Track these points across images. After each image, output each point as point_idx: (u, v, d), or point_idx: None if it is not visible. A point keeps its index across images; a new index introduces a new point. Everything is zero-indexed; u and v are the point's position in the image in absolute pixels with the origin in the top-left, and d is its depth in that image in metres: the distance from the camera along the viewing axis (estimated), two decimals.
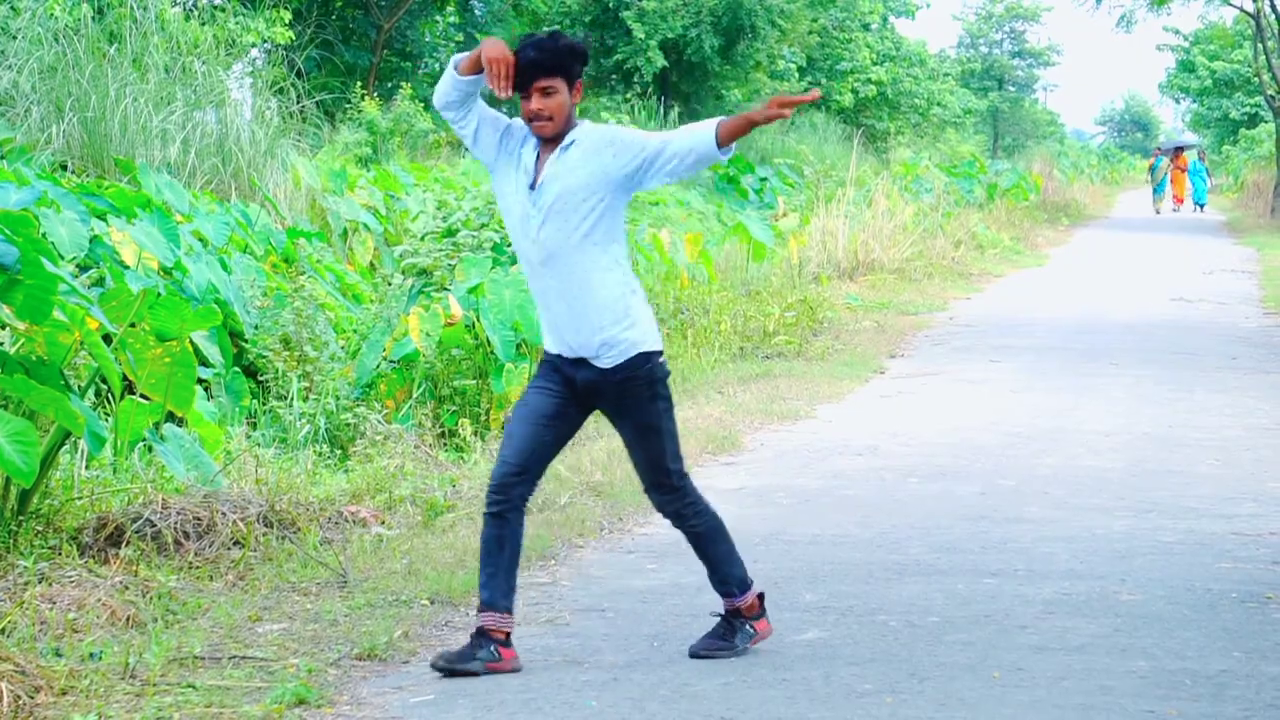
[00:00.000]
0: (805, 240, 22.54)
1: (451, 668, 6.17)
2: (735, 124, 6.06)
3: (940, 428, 12.10)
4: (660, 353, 6.30)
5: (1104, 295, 22.73)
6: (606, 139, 6.15)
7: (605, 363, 6.19)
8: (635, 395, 6.23)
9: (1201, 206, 48.89)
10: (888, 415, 12.71)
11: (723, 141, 6.04)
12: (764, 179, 33.97)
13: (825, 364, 15.23)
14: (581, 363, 6.22)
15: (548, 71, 6.06)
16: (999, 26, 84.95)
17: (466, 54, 6.19)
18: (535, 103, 6.09)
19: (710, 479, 10.18)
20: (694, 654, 6.44)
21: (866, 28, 51.02)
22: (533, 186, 6.15)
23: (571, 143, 6.15)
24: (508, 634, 6.26)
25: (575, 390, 6.27)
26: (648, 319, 6.28)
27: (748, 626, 6.49)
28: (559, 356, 6.26)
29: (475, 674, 6.15)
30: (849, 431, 11.94)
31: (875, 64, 50.11)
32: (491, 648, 6.22)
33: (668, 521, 6.49)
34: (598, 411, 6.42)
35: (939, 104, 53.32)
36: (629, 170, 6.12)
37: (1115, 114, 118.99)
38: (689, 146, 6.08)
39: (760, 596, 6.54)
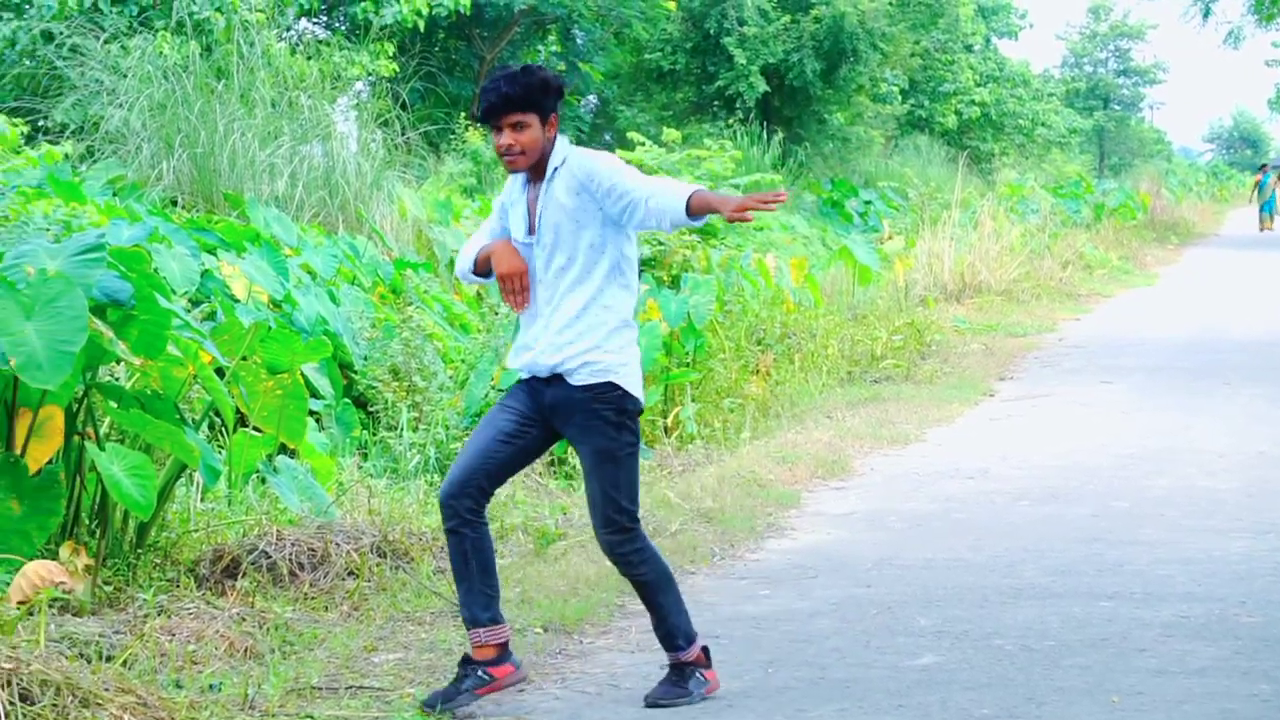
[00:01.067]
0: (911, 263, 22.43)
1: (437, 707, 6.08)
2: (710, 203, 5.87)
3: (1051, 450, 12.01)
4: (636, 398, 6.16)
5: (1215, 314, 22.49)
6: (588, 172, 6.05)
7: (577, 379, 6.10)
8: (599, 418, 6.11)
9: None
10: (998, 438, 12.63)
11: (693, 213, 5.89)
12: (868, 202, 33.89)
13: (934, 387, 15.16)
14: (555, 379, 6.14)
15: (519, 107, 6.02)
16: (1103, 45, 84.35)
17: (482, 248, 6.25)
18: (506, 137, 6.05)
19: (820, 504, 10.17)
20: (651, 703, 6.27)
21: (969, 49, 50.88)
22: (531, 230, 6.13)
23: (555, 170, 6.10)
24: (500, 645, 6.18)
25: (541, 410, 6.19)
26: (633, 361, 6.18)
27: (699, 674, 6.33)
28: (533, 378, 6.21)
29: (466, 707, 6.07)
30: (959, 455, 11.88)
31: (978, 85, 49.96)
32: (479, 672, 6.14)
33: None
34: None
35: (1044, 124, 53.03)
36: (613, 211, 6.03)
37: (1224, 131, 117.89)
38: (663, 209, 5.92)
39: (705, 650, 6.39)
